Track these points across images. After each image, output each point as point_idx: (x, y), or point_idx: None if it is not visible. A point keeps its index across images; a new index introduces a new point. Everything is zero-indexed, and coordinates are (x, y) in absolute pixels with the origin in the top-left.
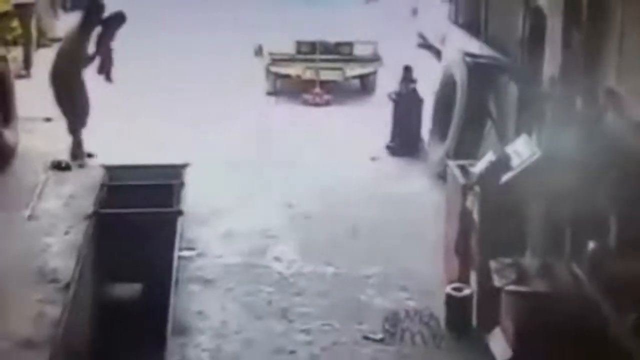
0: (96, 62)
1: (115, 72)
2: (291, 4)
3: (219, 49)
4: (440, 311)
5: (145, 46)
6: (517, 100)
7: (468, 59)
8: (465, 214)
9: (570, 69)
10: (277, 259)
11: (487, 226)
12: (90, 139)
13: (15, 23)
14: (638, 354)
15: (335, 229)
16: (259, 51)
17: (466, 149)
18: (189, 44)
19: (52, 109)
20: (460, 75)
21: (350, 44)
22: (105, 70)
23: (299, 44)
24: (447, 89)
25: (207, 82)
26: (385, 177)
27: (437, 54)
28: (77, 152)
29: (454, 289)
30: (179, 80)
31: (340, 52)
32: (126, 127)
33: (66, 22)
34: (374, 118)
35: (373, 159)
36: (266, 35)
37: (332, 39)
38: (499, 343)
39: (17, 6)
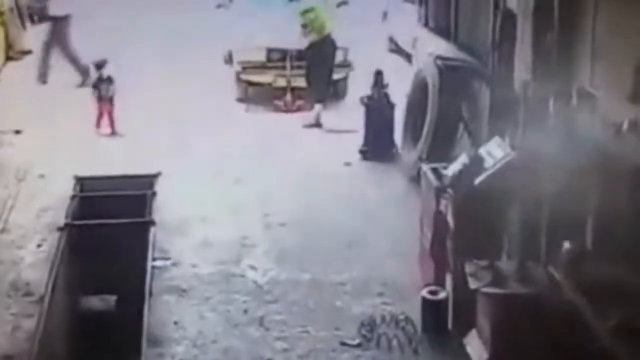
0: None
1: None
2: (262, 9)
3: (187, 54)
4: (416, 315)
5: (110, 54)
6: (490, 102)
7: (439, 62)
8: (439, 217)
9: (542, 70)
10: (252, 267)
11: (462, 228)
12: (59, 146)
13: None
14: (620, 357)
15: (310, 235)
16: (228, 59)
17: (439, 152)
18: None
19: (22, 121)
20: (431, 79)
21: None
22: None
23: (270, 51)
24: (419, 92)
25: (176, 88)
26: (360, 182)
27: (408, 57)
28: None
29: (430, 292)
30: (147, 87)
31: None
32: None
33: (34, 35)
34: (346, 123)
35: (347, 164)
36: (235, 41)
37: (301, 45)
38: (475, 345)
39: None
